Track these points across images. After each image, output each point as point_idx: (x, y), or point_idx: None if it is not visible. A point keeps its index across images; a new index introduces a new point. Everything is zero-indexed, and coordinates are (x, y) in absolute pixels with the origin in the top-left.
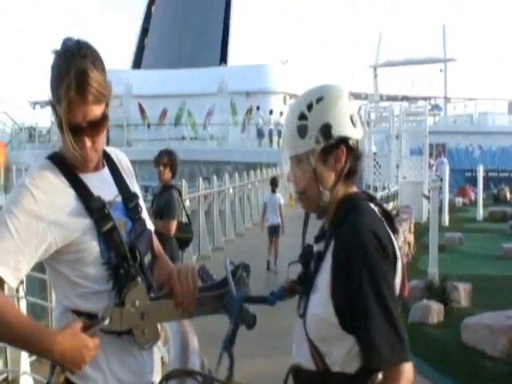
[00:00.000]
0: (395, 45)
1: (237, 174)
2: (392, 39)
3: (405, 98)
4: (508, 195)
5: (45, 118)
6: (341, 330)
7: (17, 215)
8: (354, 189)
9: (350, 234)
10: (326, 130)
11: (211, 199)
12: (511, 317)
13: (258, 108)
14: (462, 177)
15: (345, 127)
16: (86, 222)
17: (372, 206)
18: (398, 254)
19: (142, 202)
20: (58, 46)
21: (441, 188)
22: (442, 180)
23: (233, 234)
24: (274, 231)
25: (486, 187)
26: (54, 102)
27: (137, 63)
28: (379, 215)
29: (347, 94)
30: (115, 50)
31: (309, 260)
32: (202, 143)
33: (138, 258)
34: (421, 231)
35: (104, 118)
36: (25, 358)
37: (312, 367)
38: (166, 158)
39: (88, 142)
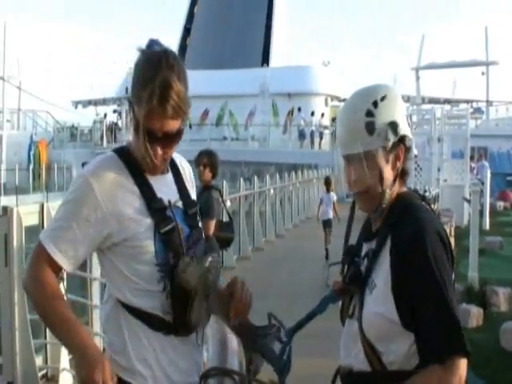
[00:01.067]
0: (438, 47)
1: (277, 175)
2: (434, 42)
3: (447, 101)
4: None
5: (87, 118)
6: (401, 328)
7: (76, 206)
8: (405, 188)
9: (414, 232)
10: (394, 126)
11: (252, 200)
12: None
13: (299, 109)
14: (504, 181)
15: (405, 126)
16: (147, 221)
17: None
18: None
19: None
20: (144, 46)
21: (482, 191)
22: (483, 183)
23: (273, 235)
24: (327, 224)
25: None
26: (133, 101)
27: None
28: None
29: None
30: None
31: (353, 260)
32: (243, 144)
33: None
34: (461, 235)
35: (179, 132)
36: (64, 355)
37: (366, 368)
38: (206, 159)
39: (160, 151)
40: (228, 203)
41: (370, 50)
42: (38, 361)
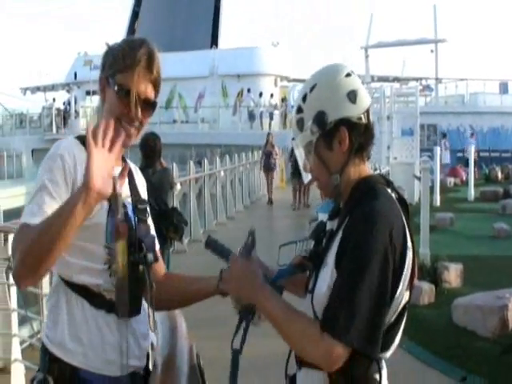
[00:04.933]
0: (386, 26)
1: (228, 157)
2: (383, 20)
3: (396, 79)
4: (499, 175)
5: (35, 104)
6: None
7: (53, 179)
8: (370, 170)
9: (365, 217)
10: (319, 118)
11: (202, 182)
12: (502, 297)
13: (248, 90)
14: (454, 157)
15: (342, 108)
16: (103, 202)
17: (389, 191)
18: (410, 244)
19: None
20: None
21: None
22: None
23: (224, 218)
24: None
25: (478, 167)
26: (114, 71)
27: None
28: (396, 202)
29: (345, 70)
30: (106, 33)
31: (321, 237)
32: (193, 126)
33: (144, 249)
34: (412, 212)
35: (155, 103)
36: (16, 345)
37: None
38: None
39: (140, 114)
40: (178, 186)
41: (320, 29)
42: None
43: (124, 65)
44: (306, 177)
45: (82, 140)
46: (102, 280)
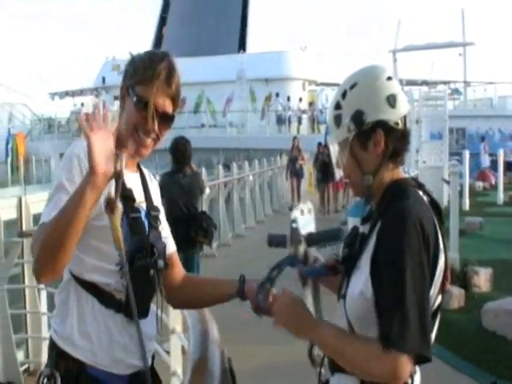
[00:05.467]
0: (414, 30)
1: (256, 161)
2: (411, 24)
3: (424, 83)
4: None
5: (64, 109)
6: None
7: (70, 178)
8: (403, 174)
9: (396, 218)
10: (357, 117)
11: (231, 187)
12: None
13: (277, 95)
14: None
15: (380, 110)
16: (118, 204)
17: (420, 193)
18: (441, 246)
19: (163, 219)
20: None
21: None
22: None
23: (253, 221)
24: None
25: (507, 171)
26: (133, 83)
27: None
28: (427, 204)
29: (387, 73)
30: (134, 39)
31: (354, 241)
32: (221, 131)
33: (156, 254)
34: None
35: (173, 117)
36: (46, 349)
37: None
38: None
39: (156, 127)
40: (207, 190)
41: (348, 34)
42: (20, 355)
43: (144, 77)
44: (339, 173)
45: None
46: (113, 280)
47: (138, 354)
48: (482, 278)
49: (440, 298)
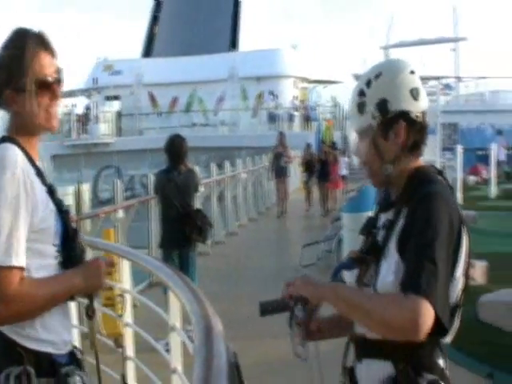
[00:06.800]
0: (406, 26)
1: (249, 159)
2: (403, 20)
3: None
4: None
5: None
6: None
7: (20, 205)
8: (421, 162)
9: (427, 200)
10: (382, 105)
11: (224, 185)
12: None
13: (269, 93)
14: (474, 155)
15: (404, 101)
16: (50, 205)
17: (441, 178)
18: (464, 229)
19: None
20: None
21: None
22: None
23: (246, 219)
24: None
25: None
26: (15, 77)
27: (147, 52)
28: (449, 189)
29: (410, 67)
30: (126, 39)
31: (371, 230)
32: (213, 129)
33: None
34: None
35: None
36: None
37: (377, 336)
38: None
39: (58, 100)
40: (202, 189)
41: (340, 31)
42: None
43: (23, 67)
44: (357, 160)
45: (15, 143)
46: (57, 271)
47: (69, 330)
48: (478, 271)
49: (463, 280)
